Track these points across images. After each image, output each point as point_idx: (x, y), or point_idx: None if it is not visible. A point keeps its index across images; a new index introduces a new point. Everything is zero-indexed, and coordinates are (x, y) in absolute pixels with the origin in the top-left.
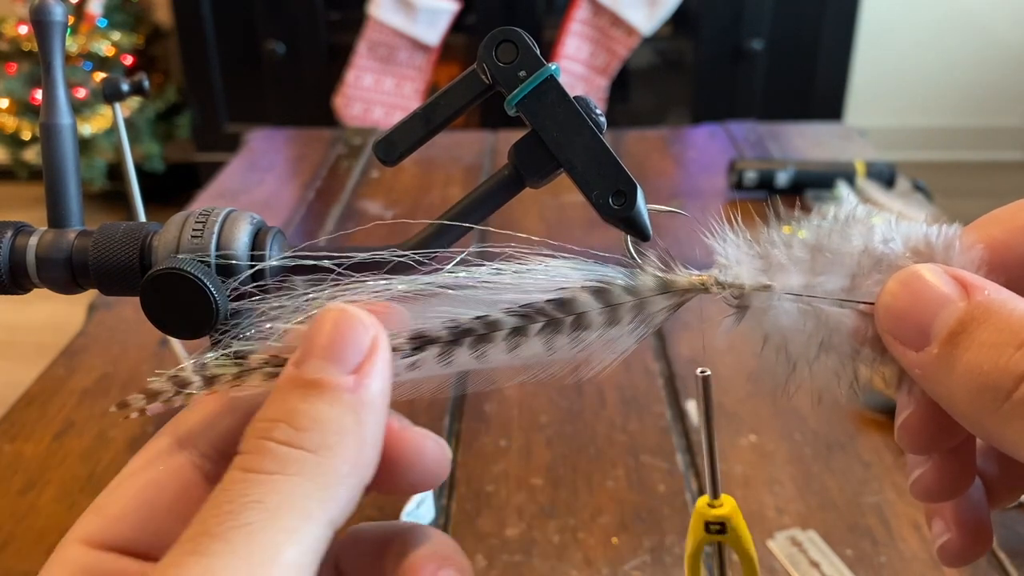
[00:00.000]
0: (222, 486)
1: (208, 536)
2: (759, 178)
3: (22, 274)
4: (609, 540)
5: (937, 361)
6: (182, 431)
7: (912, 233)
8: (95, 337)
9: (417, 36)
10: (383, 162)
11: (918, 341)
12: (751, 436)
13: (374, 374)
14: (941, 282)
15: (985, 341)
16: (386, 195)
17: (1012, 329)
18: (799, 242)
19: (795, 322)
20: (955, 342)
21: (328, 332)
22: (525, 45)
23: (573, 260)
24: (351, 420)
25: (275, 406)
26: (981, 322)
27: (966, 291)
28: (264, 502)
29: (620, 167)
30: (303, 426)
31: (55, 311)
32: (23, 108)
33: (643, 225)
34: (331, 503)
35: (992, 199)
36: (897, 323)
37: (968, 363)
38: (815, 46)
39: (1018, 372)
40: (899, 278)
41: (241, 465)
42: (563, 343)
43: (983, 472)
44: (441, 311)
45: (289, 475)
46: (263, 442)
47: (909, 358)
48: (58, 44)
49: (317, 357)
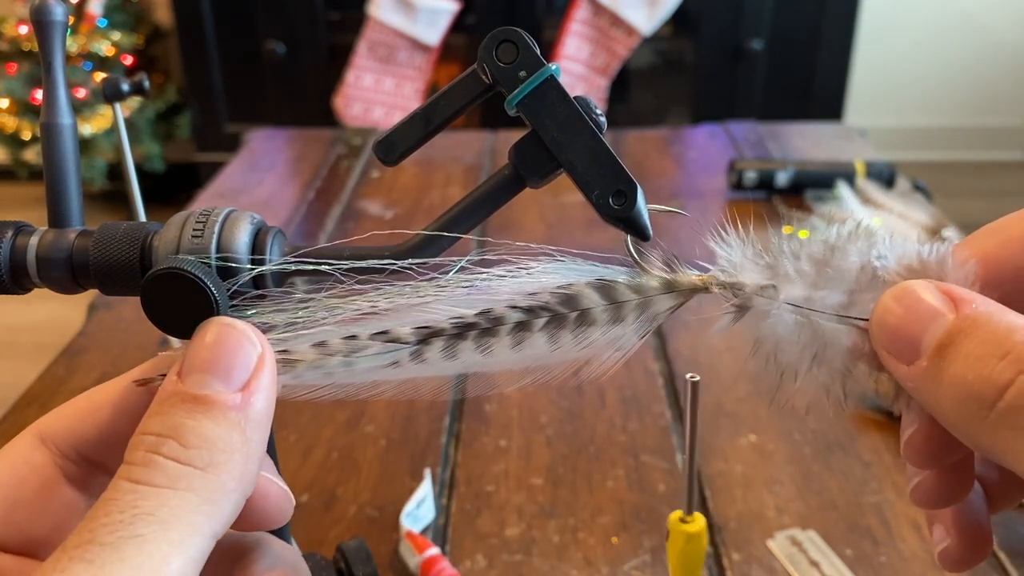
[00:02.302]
0: (110, 495)
1: (98, 545)
2: (759, 178)
3: (22, 274)
4: (609, 540)
5: (926, 374)
6: (45, 430)
7: (906, 251)
8: (95, 337)
9: (417, 36)
10: (383, 162)
11: (910, 355)
12: (751, 436)
13: (260, 391)
14: (932, 297)
15: (971, 353)
16: (386, 195)
17: (996, 340)
18: (806, 255)
19: (790, 332)
20: (943, 354)
21: (213, 346)
22: (525, 45)
23: (574, 261)
24: (238, 438)
25: (161, 419)
26: (968, 334)
27: (955, 304)
28: (155, 515)
29: (620, 167)
30: (192, 443)
31: (55, 311)
32: (23, 108)
33: (643, 225)
34: (216, 516)
35: (992, 199)
36: (890, 337)
37: (954, 375)
38: (815, 46)
39: (1001, 382)
40: (892, 294)
41: (130, 476)
42: (567, 340)
43: (983, 478)
44: (445, 308)
45: (179, 490)
46: (153, 456)
47: (902, 372)
48: (58, 44)
49: (202, 371)
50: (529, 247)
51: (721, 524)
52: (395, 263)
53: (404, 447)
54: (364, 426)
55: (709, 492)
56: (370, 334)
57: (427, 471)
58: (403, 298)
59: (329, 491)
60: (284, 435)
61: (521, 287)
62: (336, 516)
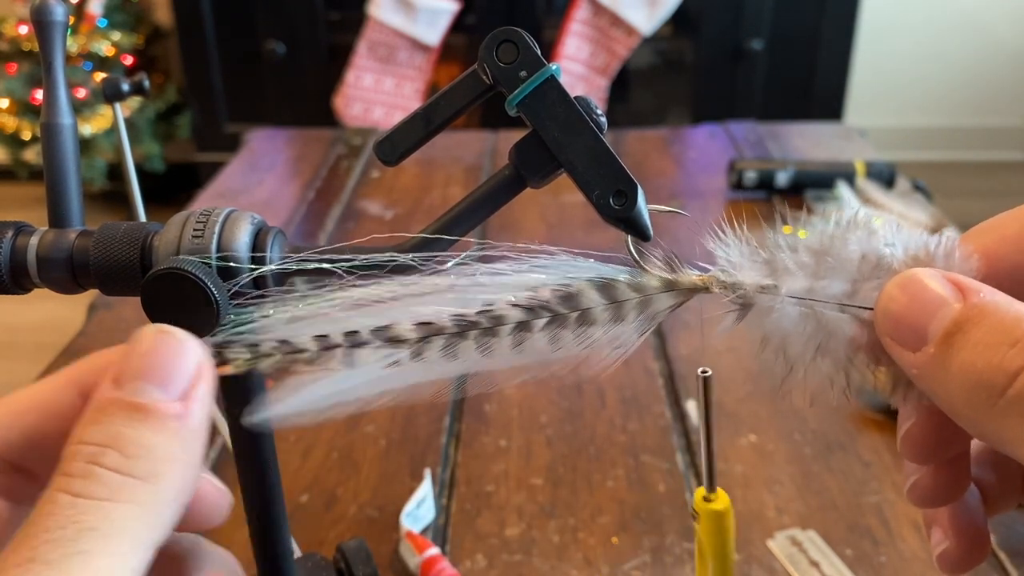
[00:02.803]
0: (48, 509)
1: (41, 563)
2: (759, 178)
3: (23, 274)
4: (609, 540)
5: (933, 361)
6: None
7: (912, 240)
8: (95, 337)
9: (417, 36)
10: (384, 162)
11: (915, 342)
12: (751, 436)
13: (199, 400)
14: (938, 285)
15: (980, 340)
16: (386, 195)
17: (1005, 328)
18: (804, 246)
19: (795, 324)
20: (951, 342)
21: (152, 353)
22: (526, 45)
23: (575, 260)
24: (178, 448)
25: (99, 428)
26: (976, 322)
27: (962, 294)
28: (98, 529)
29: (621, 167)
30: (132, 453)
31: (55, 311)
32: (23, 108)
33: (644, 225)
34: (158, 527)
35: (992, 199)
36: (895, 325)
37: (963, 362)
38: (815, 46)
39: (1012, 369)
40: (897, 282)
41: (68, 488)
42: (568, 339)
43: (980, 480)
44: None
45: (120, 502)
46: (92, 467)
47: (907, 359)
48: (59, 44)
49: (141, 379)
50: (530, 247)
51: None
52: (397, 257)
53: (404, 447)
54: (364, 426)
55: None
56: (371, 329)
57: (427, 471)
58: (404, 289)
59: (329, 491)
60: (284, 435)
61: (522, 283)
62: (336, 516)
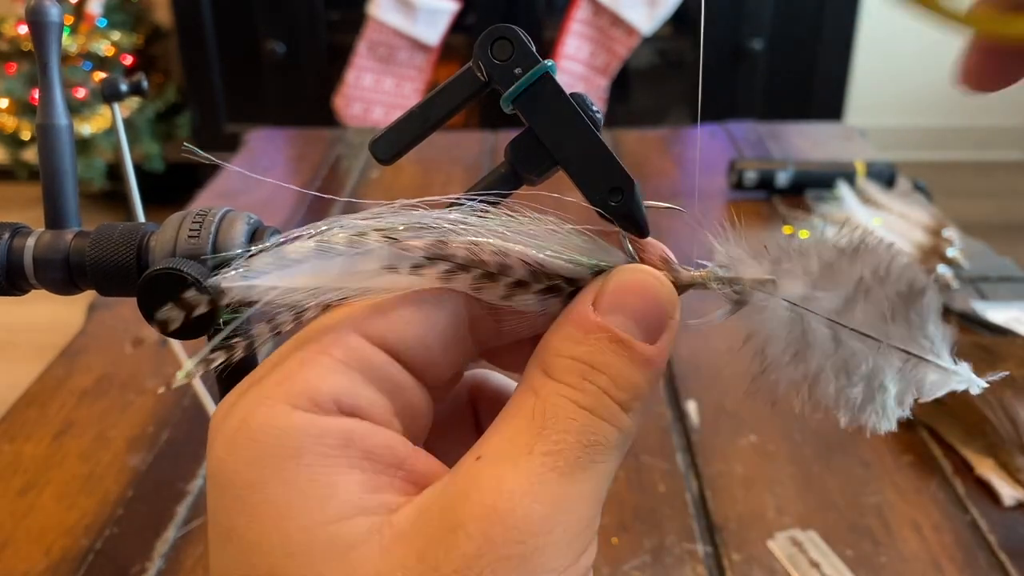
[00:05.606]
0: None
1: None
2: (759, 178)
3: (19, 275)
4: (609, 540)
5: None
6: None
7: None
8: (95, 337)
9: (417, 36)
10: (379, 160)
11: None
12: (751, 436)
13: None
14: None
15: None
16: (386, 195)
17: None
18: (817, 254)
19: (781, 327)
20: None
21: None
22: (520, 42)
23: (580, 236)
24: (648, 392)
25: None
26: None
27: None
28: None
29: (617, 164)
30: (623, 386)
31: (55, 311)
32: (23, 108)
33: (641, 222)
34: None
35: (992, 199)
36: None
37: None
38: (815, 46)
39: None
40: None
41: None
42: (557, 309)
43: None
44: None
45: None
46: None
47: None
48: (54, 45)
49: (626, 315)
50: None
51: (721, 524)
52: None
53: None
54: None
55: (709, 492)
56: (381, 233)
57: None
58: (426, 218)
59: None
60: None
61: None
62: None
